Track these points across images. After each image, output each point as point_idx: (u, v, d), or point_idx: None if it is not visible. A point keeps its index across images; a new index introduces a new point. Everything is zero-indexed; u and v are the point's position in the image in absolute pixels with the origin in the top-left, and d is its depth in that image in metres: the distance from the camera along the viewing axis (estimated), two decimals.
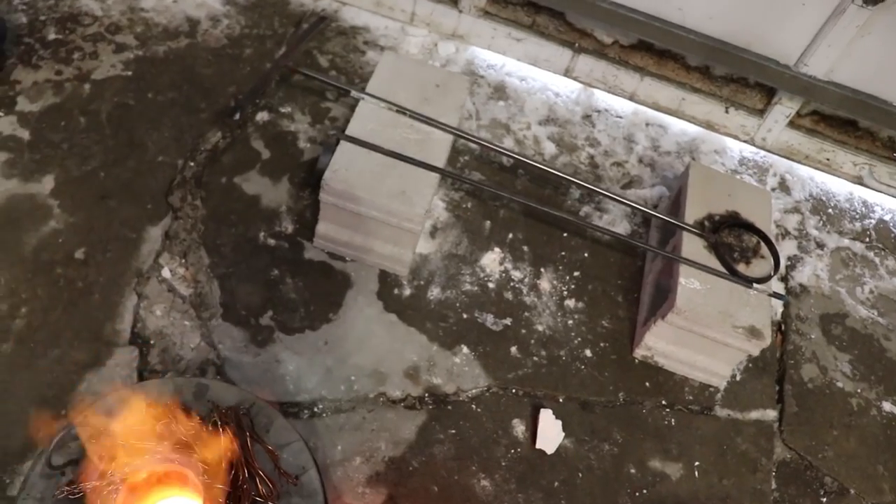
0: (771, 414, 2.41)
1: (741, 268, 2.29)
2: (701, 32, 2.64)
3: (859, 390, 2.51)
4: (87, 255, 2.27)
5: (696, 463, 2.25)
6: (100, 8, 2.82)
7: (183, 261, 2.31)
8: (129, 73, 2.67)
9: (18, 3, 2.76)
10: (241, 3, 2.96)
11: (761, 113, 2.86)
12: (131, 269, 2.26)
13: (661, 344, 2.34)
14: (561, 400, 2.28)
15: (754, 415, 2.39)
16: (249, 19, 2.91)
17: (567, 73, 2.92)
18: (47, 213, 2.32)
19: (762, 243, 2.36)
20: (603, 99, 2.97)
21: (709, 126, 2.93)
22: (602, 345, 2.40)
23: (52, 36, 2.71)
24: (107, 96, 2.60)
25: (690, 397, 2.38)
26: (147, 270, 2.27)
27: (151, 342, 2.16)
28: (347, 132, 2.27)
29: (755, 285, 2.26)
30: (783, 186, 2.96)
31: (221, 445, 1.42)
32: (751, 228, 2.37)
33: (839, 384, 2.51)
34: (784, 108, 2.81)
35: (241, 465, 1.40)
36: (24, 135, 2.46)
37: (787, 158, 2.95)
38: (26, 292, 2.17)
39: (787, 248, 2.75)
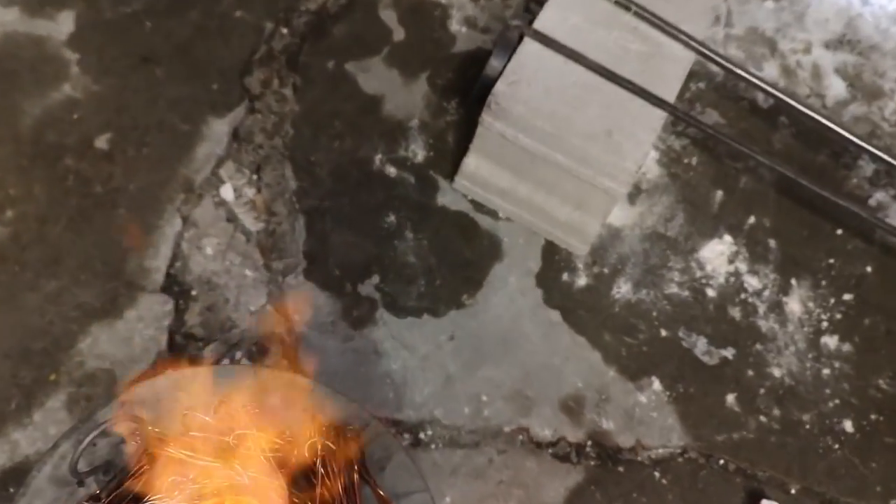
0: None
1: None
2: None
3: None
4: (112, 146, 2.46)
5: None
6: None
7: (255, 178, 2.47)
8: None
9: None
10: None
11: None
12: (177, 178, 2.44)
13: None
14: (793, 491, 2.36)
15: None
16: None
17: None
18: (61, 69, 2.52)
19: None
20: None
21: None
22: (873, 417, 2.47)
23: None
24: None
25: None
26: (200, 184, 2.45)
27: (193, 293, 2.33)
28: (537, 25, 2.34)
29: None
30: None
31: (318, 479, 1.52)
32: None
33: None
34: None
35: None
36: None
37: None
38: (17, 186, 2.37)
39: None
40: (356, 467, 1.54)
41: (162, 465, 1.44)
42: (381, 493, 1.54)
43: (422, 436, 2.26)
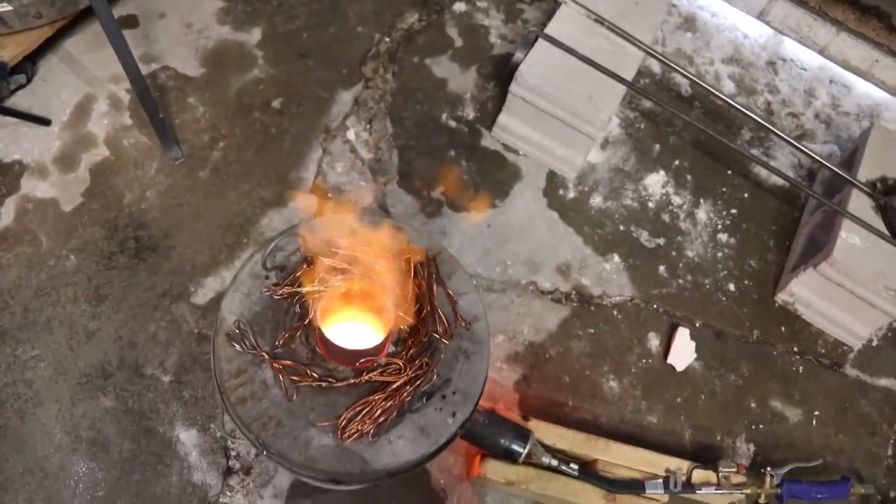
0: None
1: None
2: None
3: None
4: (282, 106, 2.54)
5: (816, 413, 2.38)
6: None
7: (368, 126, 2.56)
8: None
9: None
10: None
11: None
12: (320, 126, 2.53)
13: (805, 293, 2.47)
14: (697, 325, 2.42)
15: (884, 382, 2.48)
16: None
17: (761, 15, 3.00)
18: (252, 61, 2.62)
19: None
20: (791, 48, 3.05)
21: None
22: (746, 282, 2.54)
23: None
24: None
25: (823, 350, 2.49)
26: (334, 129, 2.53)
27: (329, 195, 2.40)
28: (546, 31, 2.44)
29: None
30: None
31: (411, 281, 1.53)
32: None
33: None
34: None
35: (426, 301, 1.53)
36: None
37: None
38: (226, 129, 2.46)
39: None
40: (434, 276, 1.59)
41: (316, 268, 1.48)
42: (449, 291, 1.58)
43: None
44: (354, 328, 1.53)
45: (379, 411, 1.40)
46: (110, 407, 1.96)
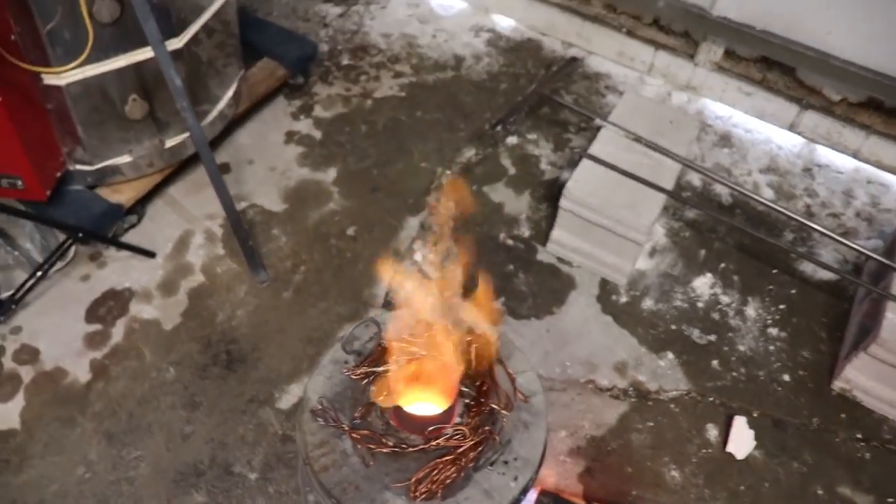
0: None
1: None
2: None
3: None
4: (356, 233, 2.81)
5: (890, 500, 2.34)
6: (384, 42, 3.52)
7: (434, 248, 2.78)
8: (403, 94, 3.32)
9: (324, 35, 3.52)
10: (500, 46, 3.56)
11: None
12: (390, 249, 2.77)
13: (861, 378, 2.50)
14: (755, 415, 2.45)
15: None
16: (507, 59, 3.50)
17: (791, 127, 3.20)
18: (328, 196, 2.93)
19: None
20: (825, 154, 3.22)
21: None
22: (800, 372, 2.58)
23: (345, 61, 3.42)
24: (384, 111, 3.24)
25: (888, 436, 2.48)
26: (403, 252, 2.77)
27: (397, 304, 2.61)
28: (589, 152, 2.70)
29: None
30: None
31: (473, 361, 1.63)
32: None
33: None
34: None
35: (486, 378, 1.64)
36: (317, 135, 3.14)
37: None
38: (306, 255, 2.73)
39: None
40: (495, 356, 1.68)
41: (389, 350, 1.60)
42: (509, 370, 1.69)
43: None
44: (422, 403, 1.64)
45: (446, 473, 1.52)
46: (202, 502, 2.14)
